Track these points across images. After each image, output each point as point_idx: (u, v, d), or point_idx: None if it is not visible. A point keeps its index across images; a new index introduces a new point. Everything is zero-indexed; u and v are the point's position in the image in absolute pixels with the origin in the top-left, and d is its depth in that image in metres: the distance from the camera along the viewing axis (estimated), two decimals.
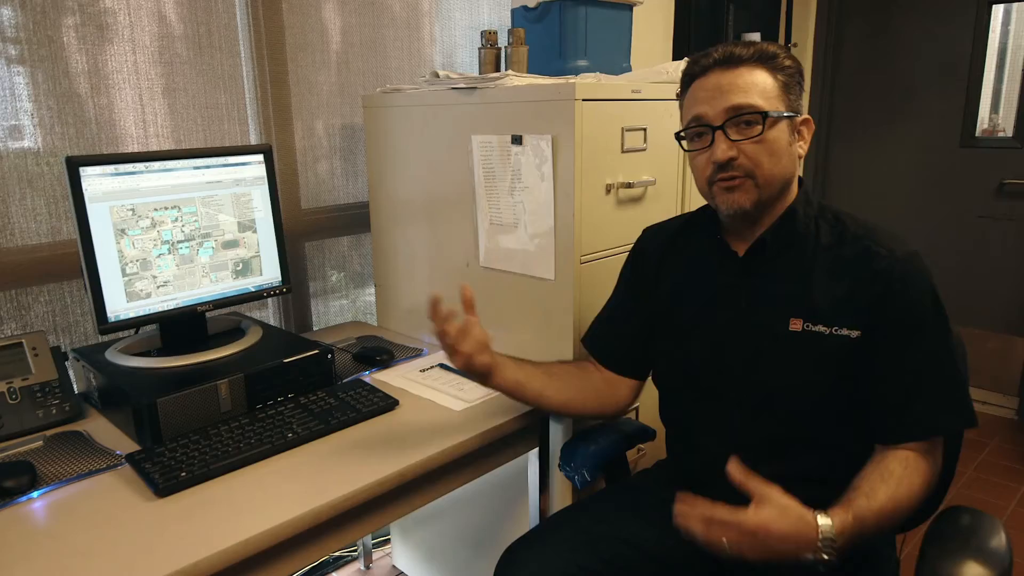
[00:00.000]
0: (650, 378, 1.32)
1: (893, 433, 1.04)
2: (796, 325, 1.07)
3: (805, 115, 1.09)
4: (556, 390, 1.27)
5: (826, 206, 1.13)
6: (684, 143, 1.12)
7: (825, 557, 0.90)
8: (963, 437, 1.21)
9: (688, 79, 1.11)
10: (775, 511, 0.90)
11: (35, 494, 1.07)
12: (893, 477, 0.99)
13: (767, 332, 1.09)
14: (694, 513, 0.92)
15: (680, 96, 1.14)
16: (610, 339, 1.32)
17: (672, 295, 1.22)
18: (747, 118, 1.03)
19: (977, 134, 3.16)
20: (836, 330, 1.04)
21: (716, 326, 1.15)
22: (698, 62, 1.08)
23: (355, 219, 2.00)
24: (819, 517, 0.91)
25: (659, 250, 1.26)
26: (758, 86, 1.03)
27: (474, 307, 1.16)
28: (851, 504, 0.94)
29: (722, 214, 1.11)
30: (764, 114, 1.02)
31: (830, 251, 1.08)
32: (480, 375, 1.18)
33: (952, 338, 1.05)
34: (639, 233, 1.53)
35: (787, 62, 1.06)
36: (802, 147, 1.09)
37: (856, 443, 1.08)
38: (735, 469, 0.94)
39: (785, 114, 1.05)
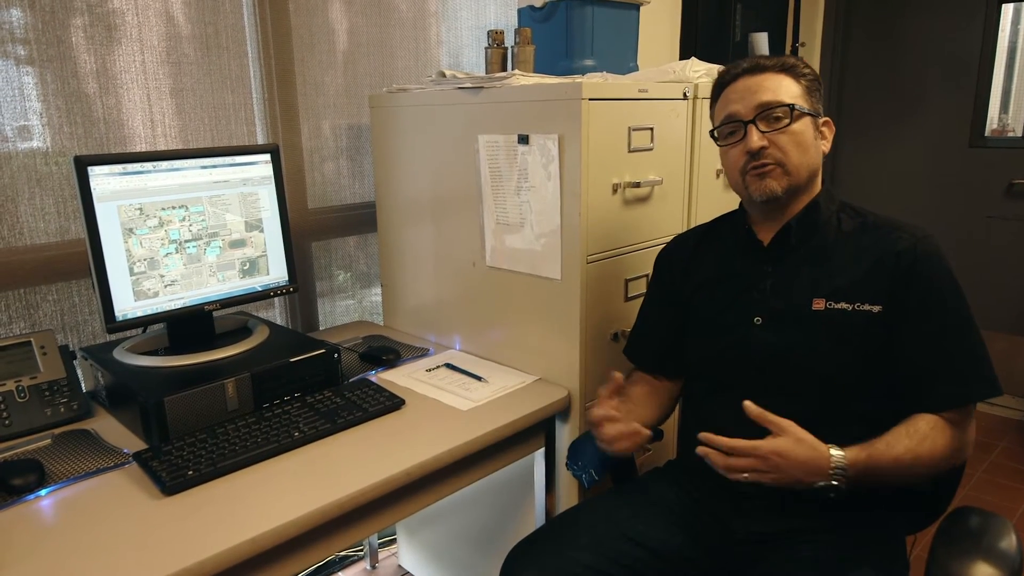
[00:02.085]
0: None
1: (924, 404, 1.09)
2: (819, 304, 1.13)
3: (826, 117, 1.19)
4: (650, 414, 1.33)
5: (847, 202, 1.21)
6: (718, 141, 1.21)
7: (835, 483, 1.02)
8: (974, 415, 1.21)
9: (719, 88, 1.21)
10: (790, 440, 1.03)
11: (43, 492, 1.07)
12: (918, 434, 1.06)
13: (791, 314, 1.15)
14: (712, 449, 1.05)
15: (712, 104, 1.24)
16: (652, 349, 1.38)
17: (700, 288, 1.27)
18: (776, 112, 1.13)
19: (986, 134, 3.14)
20: (859, 306, 1.11)
21: (742, 312, 1.20)
22: (728, 71, 1.19)
23: (361, 219, 2.00)
24: (832, 448, 1.03)
25: (686, 253, 1.33)
26: (784, 87, 1.14)
27: (621, 390, 1.22)
28: (869, 446, 1.04)
29: (755, 202, 1.17)
30: (791, 107, 1.12)
31: (851, 238, 1.16)
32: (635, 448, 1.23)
33: (971, 312, 1.10)
34: (646, 232, 1.54)
35: (806, 71, 1.17)
36: (825, 145, 1.18)
37: (878, 420, 1.10)
38: (751, 408, 1.06)
39: (808, 111, 1.14)
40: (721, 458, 1.05)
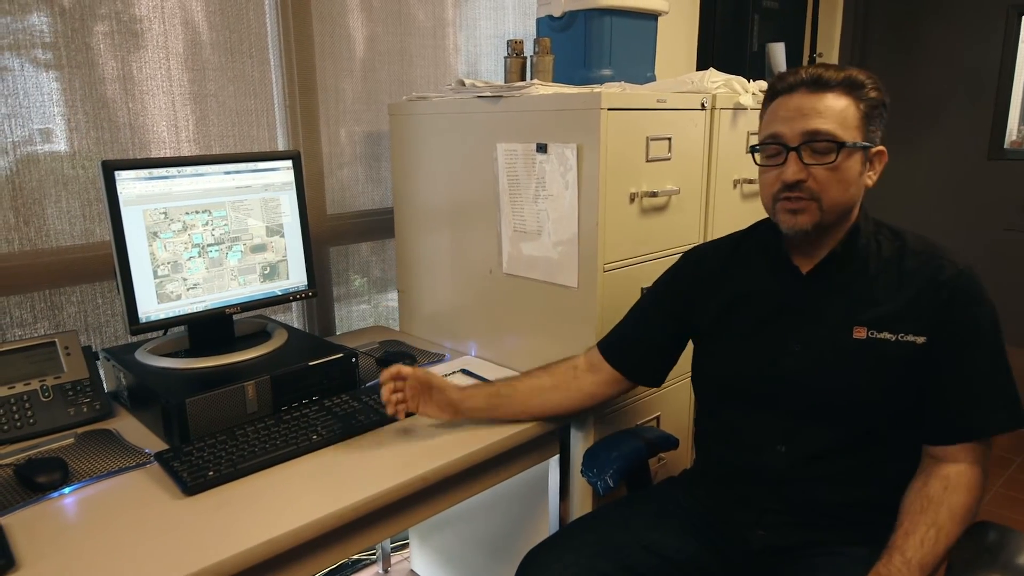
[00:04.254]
0: (660, 385, 1.32)
1: (950, 434, 1.07)
2: (860, 333, 1.09)
3: (880, 147, 1.10)
4: (539, 405, 1.34)
5: (882, 222, 1.16)
6: (757, 156, 1.14)
7: None
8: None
9: (772, 94, 1.12)
10: None
11: (67, 490, 1.09)
12: (932, 504, 1.03)
13: (830, 342, 1.11)
14: None
15: (763, 108, 1.15)
16: (625, 341, 1.33)
17: (728, 306, 1.22)
18: (822, 145, 1.05)
19: (1005, 146, 3.12)
20: (903, 337, 1.07)
21: (776, 336, 1.16)
22: (785, 79, 1.09)
23: (378, 225, 2.02)
24: None
25: (714, 267, 1.27)
26: (839, 114, 1.05)
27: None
28: (891, 549, 1.02)
29: (782, 231, 1.12)
30: (840, 144, 1.04)
31: (892, 263, 1.11)
32: (440, 413, 1.30)
33: (1004, 345, 1.08)
34: (663, 242, 1.54)
35: (872, 93, 1.07)
36: (871, 177, 1.11)
37: (903, 441, 1.11)
38: None
39: (860, 144, 1.06)
40: None
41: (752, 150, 1.15)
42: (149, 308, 1.34)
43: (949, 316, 1.06)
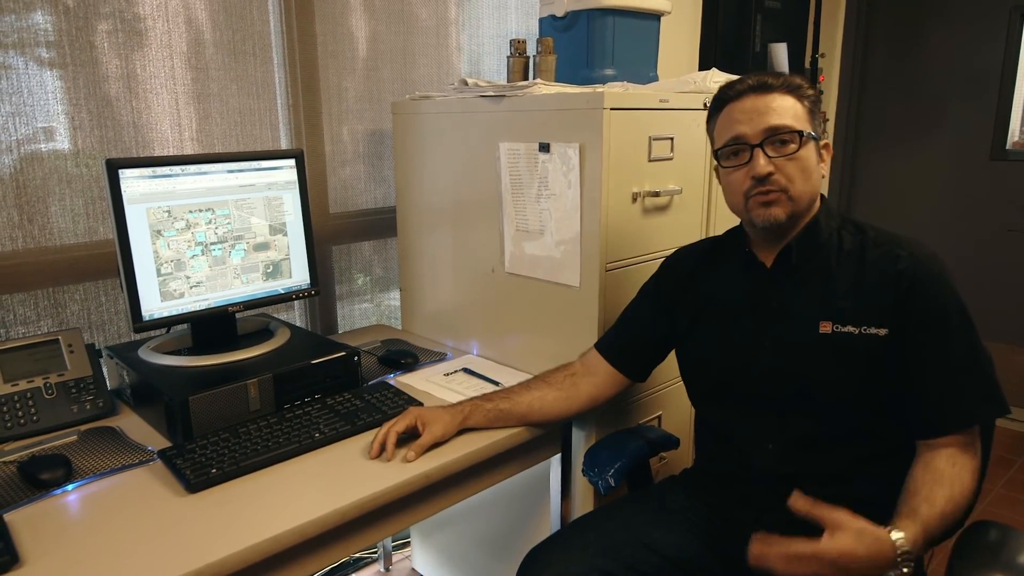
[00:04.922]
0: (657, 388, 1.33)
1: (934, 427, 1.07)
2: (826, 327, 1.12)
3: (825, 140, 1.18)
4: (540, 413, 1.33)
5: (847, 218, 1.19)
6: (720, 161, 1.17)
7: (905, 571, 0.94)
8: (994, 433, 1.21)
9: (721, 103, 1.17)
10: (851, 536, 0.93)
11: (70, 487, 1.10)
12: (946, 478, 1.03)
13: (797, 336, 1.14)
14: (772, 552, 0.94)
15: (711, 119, 1.20)
16: (621, 339, 1.36)
17: (703, 307, 1.26)
18: (783, 137, 1.10)
19: (1008, 147, 3.12)
20: (865, 329, 1.09)
21: (748, 333, 1.19)
22: (732, 87, 1.15)
23: (380, 224, 2.02)
24: (892, 532, 0.94)
25: (689, 268, 1.31)
26: (790, 109, 1.11)
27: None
28: (915, 513, 0.99)
29: (756, 227, 1.15)
30: (800, 133, 1.10)
31: (853, 256, 1.14)
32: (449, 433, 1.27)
33: (976, 331, 1.08)
34: (665, 241, 1.54)
35: (810, 92, 1.15)
36: (824, 168, 1.17)
37: (888, 437, 1.11)
38: (798, 501, 0.97)
39: (814, 135, 1.13)
40: (784, 565, 0.93)
41: (715, 155, 1.18)
42: (152, 306, 1.35)
43: (911, 307, 1.07)
